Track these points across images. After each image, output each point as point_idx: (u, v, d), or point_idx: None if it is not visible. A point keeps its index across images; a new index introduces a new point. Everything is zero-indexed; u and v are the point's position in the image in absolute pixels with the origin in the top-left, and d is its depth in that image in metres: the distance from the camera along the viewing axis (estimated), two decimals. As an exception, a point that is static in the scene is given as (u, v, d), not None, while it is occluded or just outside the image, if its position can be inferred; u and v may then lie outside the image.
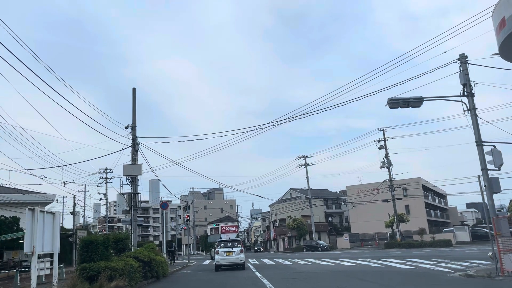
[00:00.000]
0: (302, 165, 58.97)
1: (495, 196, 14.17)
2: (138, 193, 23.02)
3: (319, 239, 62.79)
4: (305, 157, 59.16)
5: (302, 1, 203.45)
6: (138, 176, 23.03)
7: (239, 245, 22.01)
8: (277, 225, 69.91)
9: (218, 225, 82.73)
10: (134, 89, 24.16)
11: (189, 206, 73.65)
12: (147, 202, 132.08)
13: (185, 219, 33.58)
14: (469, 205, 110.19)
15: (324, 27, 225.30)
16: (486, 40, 56.69)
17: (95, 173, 57.65)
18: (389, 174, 48.82)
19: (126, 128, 23.39)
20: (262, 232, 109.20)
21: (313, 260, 25.05)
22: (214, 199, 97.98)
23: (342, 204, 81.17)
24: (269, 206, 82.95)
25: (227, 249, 21.37)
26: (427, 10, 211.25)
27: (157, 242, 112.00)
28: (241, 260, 21.14)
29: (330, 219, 67.47)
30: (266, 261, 28.09)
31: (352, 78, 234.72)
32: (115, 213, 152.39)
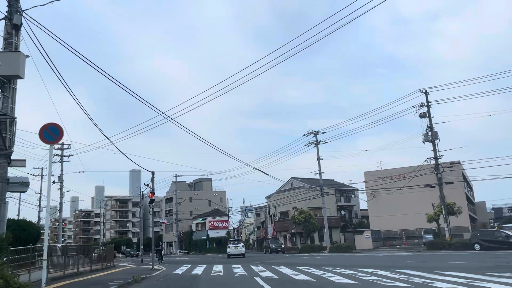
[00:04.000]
0: (312, 143, 46.55)
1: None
2: (12, 118, 10.17)
3: (331, 236, 50.41)
4: (315, 133, 46.70)
5: (296, 2, 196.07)
6: (15, 81, 10.23)
7: (241, 242, 42.21)
8: (277, 219, 57.32)
9: (205, 219, 69.88)
10: None
11: (150, 197, 58.47)
12: (129, 197, 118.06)
13: (149, 200, 20.89)
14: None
15: (317, 28, 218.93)
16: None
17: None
18: (434, 150, 36.57)
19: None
20: (255, 230, 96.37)
21: (383, 273, 12.50)
22: (201, 190, 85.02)
23: (352, 197, 69.00)
24: (266, 197, 70.44)
25: (234, 245, 39.23)
26: (418, 14, 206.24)
27: (135, 240, 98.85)
28: (243, 252, 38.16)
29: (343, 212, 55.07)
30: (286, 271, 15.44)
31: (345, 80, 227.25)
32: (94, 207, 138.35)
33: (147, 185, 20.41)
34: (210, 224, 69.32)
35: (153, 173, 21.61)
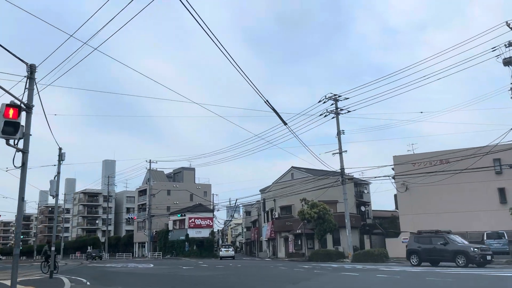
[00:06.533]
0: (330, 112, 34.07)
1: None
2: None
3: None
4: (335, 99, 34.17)
5: (287, 9, 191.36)
6: None
7: (231, 247, 50.02)
8: (276, 216, 44.52)
9: (185, 215, 56.70)
10: None
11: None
12: (99, 190, 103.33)
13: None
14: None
15: (308, 35, 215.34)
16: None
17: None
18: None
19: None
20: (244, 231, 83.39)
21: None
22: (181, 181, 71.62)
23: (365, 192, 56.72)
24: (261, 191, 57.59)
25: (226, 249, 45.97)
26: (406, 24, 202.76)
27: (103, 240, 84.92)
28: (232, 255, 44.63)
29: (363, 209, 42.54)
30: None
31: (333, 87, 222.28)
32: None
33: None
34: (190, 221, 56.19)
35: (32, 68, 8.72)
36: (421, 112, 30.61)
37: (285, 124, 16.44)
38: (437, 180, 36.55)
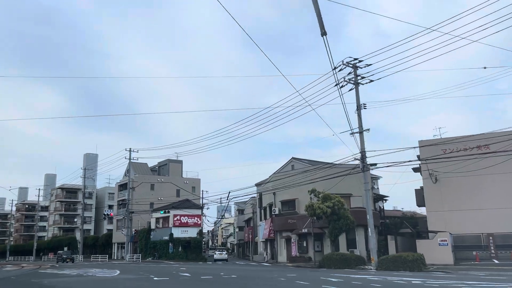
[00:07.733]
0: (349, 81, 27.00)
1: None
2: None
3: (366, 240, 31.00)
4: (354, 65, 26.96)
5: (279, 11, 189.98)
6: None
7: (225, 250, 56.79)
8: (276, 212, 37.36)
9: (169, 212, 49.28)
10: None
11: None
12: (79, 185, 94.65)
13: None
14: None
15: (300, 38, 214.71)
16: None
17: None
18: None
19: None
20: (236, 231, 76.08)
21: None
22: (167, 175, 64.10)
23: (375, 187, 49.94)
24: (256, 185, 50.35)
25: (220, 252, 49.04)
26: (398, 29, 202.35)
27: (78, 239, 77.14)
28: (226, 257, 47.14)
29: (382, 205, 35.65)
30: None
31: (322, 89, 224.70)
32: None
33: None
34: (175, 219, 48.83)
35: None
36: (485, 68, 23.47)
37: (324, 34, 9.46)
38: (474, 169, 29.91)
